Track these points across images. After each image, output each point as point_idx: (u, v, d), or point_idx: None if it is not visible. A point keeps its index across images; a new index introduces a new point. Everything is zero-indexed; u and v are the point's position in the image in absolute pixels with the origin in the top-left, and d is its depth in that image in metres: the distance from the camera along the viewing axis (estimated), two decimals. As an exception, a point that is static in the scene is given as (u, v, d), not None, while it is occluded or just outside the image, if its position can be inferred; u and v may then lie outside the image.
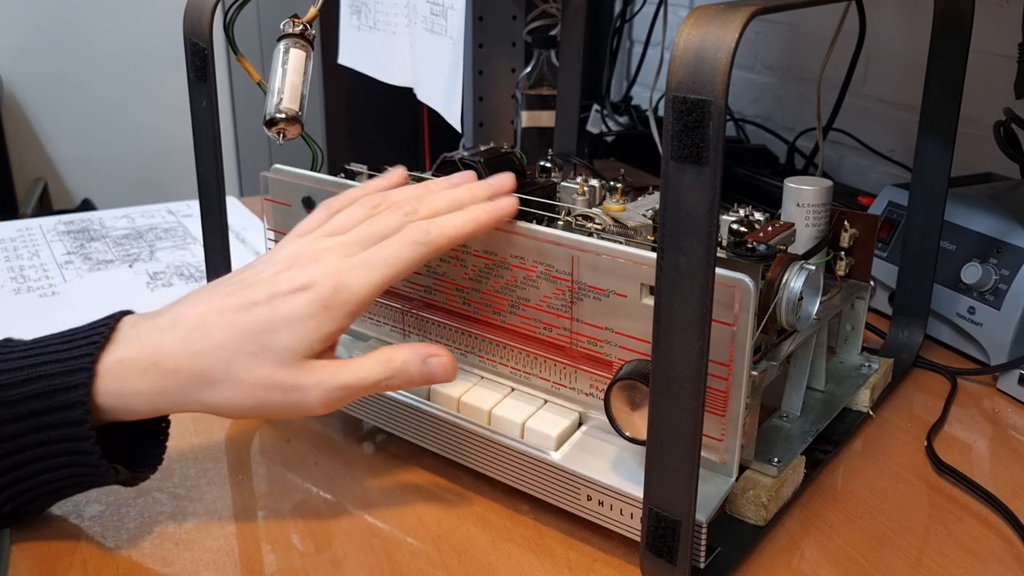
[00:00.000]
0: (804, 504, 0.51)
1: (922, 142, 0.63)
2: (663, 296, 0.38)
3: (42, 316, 0.75)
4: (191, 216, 1.02)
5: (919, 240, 0.65)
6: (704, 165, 0.35)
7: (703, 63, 0.35)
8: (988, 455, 0.58)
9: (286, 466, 0.55)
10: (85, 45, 2.12)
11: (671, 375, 0.39)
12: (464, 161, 0.57)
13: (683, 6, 1.33)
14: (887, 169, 1.01)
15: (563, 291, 0.48)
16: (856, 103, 1.01)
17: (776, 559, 0.47)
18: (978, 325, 0.67)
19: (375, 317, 0.58)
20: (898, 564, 0.47)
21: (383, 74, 1.07)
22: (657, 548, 0.42)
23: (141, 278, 0.84)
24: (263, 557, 0.47)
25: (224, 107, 1.94)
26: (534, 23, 1.00)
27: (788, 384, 0.55)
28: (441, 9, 0.89)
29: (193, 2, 0.54)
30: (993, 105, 0.77)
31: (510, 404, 0.51)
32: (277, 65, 0.54)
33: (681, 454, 0.39)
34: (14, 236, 0.95)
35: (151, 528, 0.49)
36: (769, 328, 0.49)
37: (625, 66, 1.51)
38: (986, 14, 0.74)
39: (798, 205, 0.59)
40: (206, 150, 0.56)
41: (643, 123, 1.26)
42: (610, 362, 0.48)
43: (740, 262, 0.47)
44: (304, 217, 0.59)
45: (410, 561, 0.47)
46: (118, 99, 2.17)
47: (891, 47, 1.00)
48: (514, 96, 1.02)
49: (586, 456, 0.48)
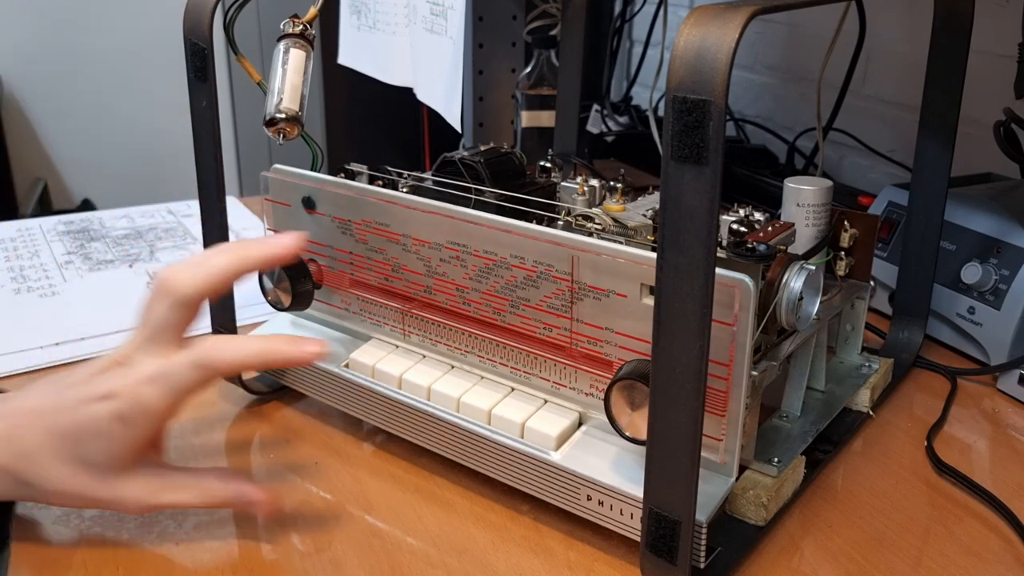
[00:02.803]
0: (804, 504, 0.51)
1: (922, 142, 0.63)
2: (663, 296, 0.38)
3: (42, 316, 0.75)
4: (191, 216, 1.02)
5: (919, 240, 0.65)
6: (704, 165, 0.35)
7: (703, 63, 0.35)
8: (988, 455, 0.58)
9: (286, 466, 0.55)
10: (85, 45, 2.12)
11: (671, 375, 0.39)
12: (464, 161, 0.57)
13: (683, 6, 1.33)
14: (887, 169, 1.01)
15: (563, 291, 0.48)
16: (856, 103, 1.01)
17: (776, 559, 0.47)
18: (978, 325, 0.67)
19: (375, 317, 0.58)
20: (898, 564, 0.47)
21: (383, 74, 1.07)
22: (657, 548, 0.42)
23: (141, 278, 0.84)
24: (263, 557, 0.47)
25: (224, 107, 1.94)
26: (534, 23, 0.99)
27: (788, 384, 0.55)
28: (441, 9, 0.89)
29: (193, 2, 0.54)
30: (993, 105, 0.77)
31: (510, 404, 0.51)
32: (277, 65, 0.54)
33: (681, 454, 0.39)
34: (14, 236, 0.95)
35: (151, 528, 0.49)
36: (769, 328, 0.49)
37: (625, 66, 1.51)
38: (986, 14, 0.74)
39: (798, 205, 0.59)
40: (206, 150, 0.56)
41: (643, 123, 1.26)
42: (610, 362, 0.48)
43: (740, 262, 0.47)
44: (303, 217, 0.59)
45: (410, 561, 0.47)
46: (118, 99, 2.17)
47: (891, 47, 1.00)
48: (514, 96, 1.02)
49: (586, 456, 0.48)
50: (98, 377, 0.46)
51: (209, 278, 0.47)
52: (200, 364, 0.46)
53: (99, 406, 0.45)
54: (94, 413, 0.45)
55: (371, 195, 0.55)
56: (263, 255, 0.49)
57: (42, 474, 0.45)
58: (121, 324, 0.74)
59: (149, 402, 0.45)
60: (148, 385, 0.46)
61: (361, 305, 0.59)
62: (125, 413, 0.45)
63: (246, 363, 0.48)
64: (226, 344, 0.47)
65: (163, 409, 0.46)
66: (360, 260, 0.57)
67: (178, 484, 0.48)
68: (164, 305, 0.46)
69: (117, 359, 0.47)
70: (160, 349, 0.46)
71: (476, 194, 0.56)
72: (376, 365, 0.56)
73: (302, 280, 0.58)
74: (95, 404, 0.45)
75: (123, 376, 0.46)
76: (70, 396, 0.46)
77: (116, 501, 0.47)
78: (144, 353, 0.46)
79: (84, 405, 0.45)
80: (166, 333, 0.46)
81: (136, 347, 0.47)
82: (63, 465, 0.45)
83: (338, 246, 0.58)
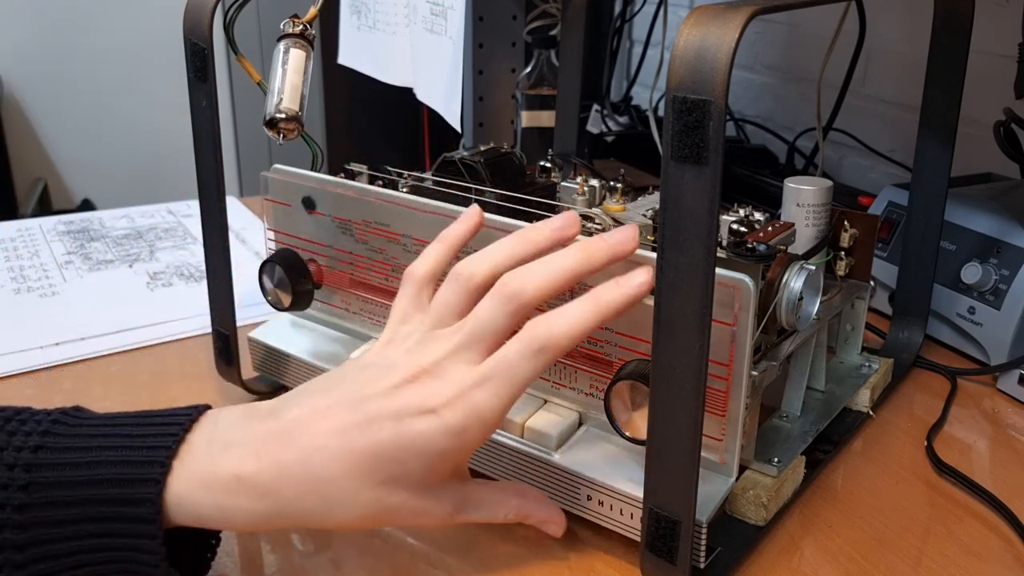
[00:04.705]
0: (804, 504, 0.51)
1: (922, 142, 0.63)
2: (663, 296, 0.38)
3: (42, 316, 0.75)
4: (191, 216, 1.02)
5: (919, 240, 0.65)
6: (704, 165, 0.35)
7: (703, 63, 0.35)
8: (988, 455, 0.58)
9: (286, 466, 0.55)
10: (85, 45, 2.12)
11: (671, 375, 0.39)
12: (464, 161, 0.57)
13: (683, 6, 1.33)
14: (887, 169, 1.01)
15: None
16: (856, 103, 1.01)
17: (776, 559, 0.47)
18: (978, 325, 0.67)
19: (375, 318, 0.58)
20: (898, 564, 0.47)
21: (383, 74, 1.07)
22: (657, 548, 0.42)
23: (141, 278, 0.84)
24: (263, 557, 0.47)
25: (224, 107, 1.94)
26: (534, 23, 0.99)
27: (788, 384, 0.55)
28: (441, 9, 0.89)
29: (193, 2, 0.54)
30: (993, 105, 0.77)
31: (510, 404, 0.51)
32: (277, 65, 0.54)
33: (681, 454, 0.39)
34: (14, 236, 0.95)
35: (151, 528, 0.49)
36: (769, 328, 0.49)
37: (625, 66, 1.51)
38: (986, 14, 0.74)
39: (798, 205, 0.59)
40: (206, 150, 0.56)
41: (643, 123, 1.26)
42: (610, 362, 0.48)
43: (740, 262, 0.47)
44: (303, 217, 0.59)
45: (410, 561, 0.47)
46: (118, 99, 2.18)
47: (891, 47, 1.00)
48: (514, 96, 1.02)
49: (586, 456, 0.48)
50: (406, 389, 0.41)
51: (555, 286, 0.42)
52: (540, 349, 0.41)
53: (425, 421, 0.40)
54: (422, 429, 0.40)
55: (371, 195, 0.55)
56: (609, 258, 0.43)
57: (343, 500, 0.40)
58: (121, 324, 0.74)
59: (486, 408, 0.40)
60: (481, 389, 0.40)
61: (361, 305, 0.59)
62: (458, 425, 0.40)
63: (587, 332, 0.41)
64: (558, 318, 0.41)
65: (500, 413, 0.41)
66: (360, 260, 0.57)
67: (483, 499, 0.44)
68: (505, 311, 0.41)
69: (426, 367, 0.41)
70: (477, 357, 0.41)
71: (476, 194, 0.56)
72: (376, 365, 0.55)
73: (302, 280, 0.58)
74: (419, 419, 0.40)
75: (443, 386, 0.41)
76: (380, 410, 0.40)
77: (422, 515, 0.42)
78: (460, 361, 0.41)
79: (404, 421, 0.40)
80: (494, 338, 0.41)
81: (451, 353, 0.41)
82: (372, 489, 0.40)
83: (338, 246, 0.58)
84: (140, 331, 0.73)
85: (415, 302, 0.45)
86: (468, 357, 0.41)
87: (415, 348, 0.43)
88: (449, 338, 0.42)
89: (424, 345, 0.42)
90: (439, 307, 0.44)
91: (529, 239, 0.44)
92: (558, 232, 0.45)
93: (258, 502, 0.39)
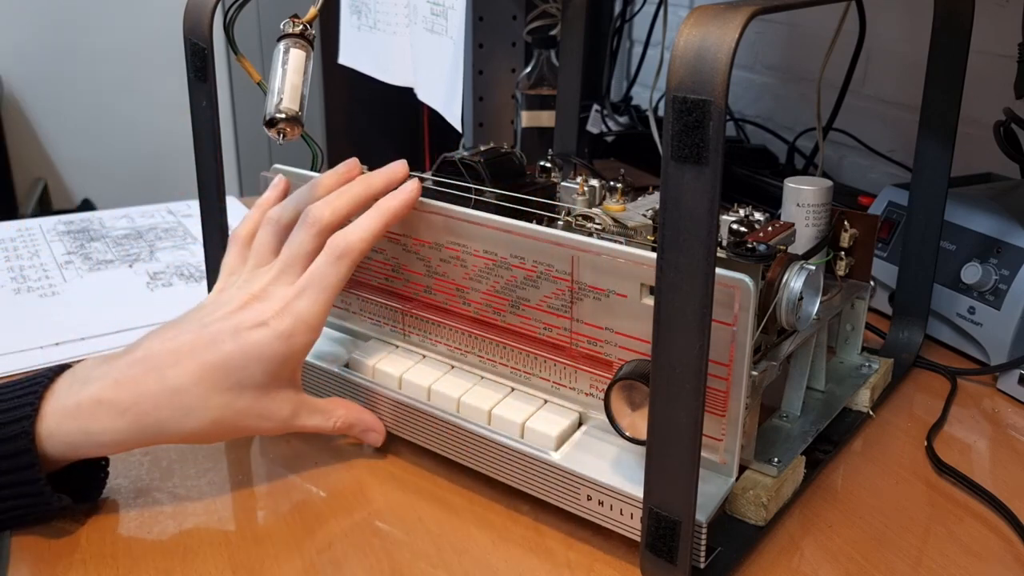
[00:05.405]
0: (804, 504, 0.51)
1: (922, 142, 0.63)
2: (663, 296, 0.38)
3: (42, 316, 0.75)
4: (191, 216, 1.02)
5: (919, 240, 0.65)
6: (704, 165, 0.35)
7: (703, 63, 0.35)
8: (988, 455, 0.58)
9: (286, 466, 0.55)
10: (85, 45, 2.12)
11: (671, 375, 0.39)
12: (464, 161, 0.57)
13: (683, 6, 1.33)
14: (887, 169, 1.01)
15: (563, 291, 0.48)
16: (856, 103, 1.01)
17: (776, 559, 0.47)
18: (978, 325, 0.67)
19: (375, 318, 0.58)
20: (898, 564, 0.47)
21: (383, 74, 1.07)
22: (657, 548, 0.42)
23: (141, 278, 0.84)
24: (263, 557, 0.47)
25: (224, 107, 1.94)
26: (534, 23, 1.00)
27: (788, 384, 0.55)
28: (441, 9, 0.89)
29: (193, 2, 0.54)
30: (993, 105, 0.77)
31: (510, 404, 0.51)
32: (277, 65, 0.54)
33: (681, 454, 0.39)
34: (14, 236, 0.95)
35: (151, 528, 0.49)
36: (769, 328, 0.49)
37: (625, 66, 1.51)
38: (986, 14, 0.74)
39: (798, 205, 0.59)
40: (206, 150, 0.56)
41: (643, 123, 1.26)
42: (610, 362, 0.48)
43: (740, 262, 0.47)
44: (304, 217, 0.59)
45: (410, 561, 0.47)
46: (118, 99, 2.18)
47: (891, 47, 1.00)
48: (514, 96, 1.02)
49: (586, 456, 0.48)
50: (240, 312, 0.49)
51: (348, 206, 0.51)
52: (339, 254, 0.49)
53: (260, 332, 0.48)
54: (258, 339, 0.48)
55: (371, 195, 0.55)
56: (385, 181, 0.53)
57: (196, 405, 0.47)
58: (121, 324, 0.74)
59: (307, 312, 0.48)
60: (301, 299, 0.49)
61: (361, 305, 0.59)
62: (287, 330, 0.48)
63: (377, 234, 0.50)
64: (351, 227, 0.50)
65: (320, 315, 0.49)
66: (360, 260, 0.57)
67: (315, 409, 0.52)
68: (310, 233, 0.50)
69: (255, 294, 0.49)
70: (294, 278, 0.50)
71: (476, 194, 0.56)
72: (376, 365, 0.56)
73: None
74: (254, 331, 0.48)
75: (271, 303, 0.49)
76: (220, 329, 0.48)
77: (266, 417, 0.49)
78: (281, 284, 0.49)
79: (242, 334, 0.48)
80: (303, 259, 0.50)
81: (273, 279, 0.50)
82: (220, 394, 0.47)
83: (338, 246, 0.58)
84: (140, 331, 0.72)
85: (239, 258, 0.53)
86: (287, 280, 0.50)
87: (244, 284, 0.51)
88: (270, 270, 0.51)
89: (251, 281, 0.51)
90: (258, 248, 0.52)
91: (317, 184, 0.53)
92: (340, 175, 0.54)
93: (119, 419, 0.46)
